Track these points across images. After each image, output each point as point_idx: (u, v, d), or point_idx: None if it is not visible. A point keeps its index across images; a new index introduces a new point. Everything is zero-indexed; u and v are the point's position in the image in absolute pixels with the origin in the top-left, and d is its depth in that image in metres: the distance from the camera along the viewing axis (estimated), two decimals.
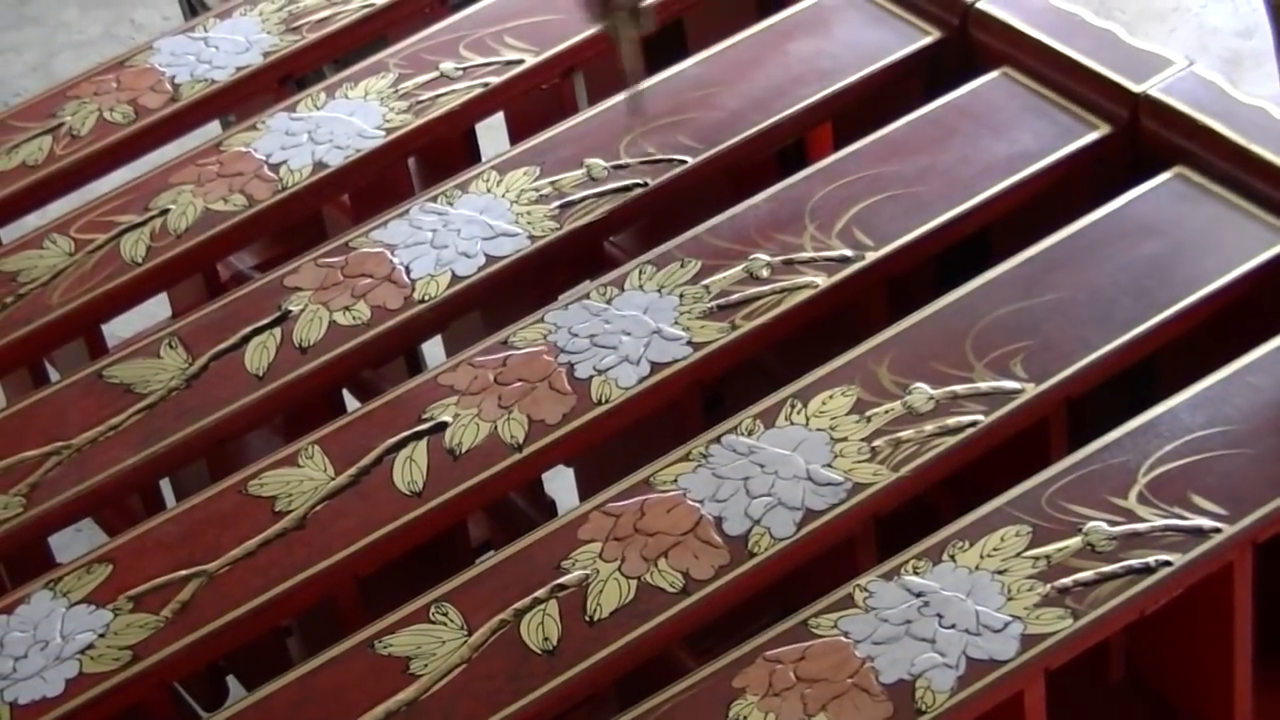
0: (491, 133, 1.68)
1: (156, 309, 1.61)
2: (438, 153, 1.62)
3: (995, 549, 1.20)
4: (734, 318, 1.37)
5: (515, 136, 1.66)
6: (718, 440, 1.29)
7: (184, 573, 1.28)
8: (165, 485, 1.46)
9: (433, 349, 1.59)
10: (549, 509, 1.55)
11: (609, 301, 1.39)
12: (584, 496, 1.45)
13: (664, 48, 1.65)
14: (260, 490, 1.32)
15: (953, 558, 1.20)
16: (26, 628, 1.26)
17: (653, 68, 1.59)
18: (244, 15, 1.69)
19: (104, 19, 3.01)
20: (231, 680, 1.45)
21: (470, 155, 1.65)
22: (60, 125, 1.62)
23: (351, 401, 1.51)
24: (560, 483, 1.53)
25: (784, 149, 1.59)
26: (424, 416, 1.34)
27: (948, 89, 1.52)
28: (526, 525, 1.45)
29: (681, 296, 1.38)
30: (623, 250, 1.59)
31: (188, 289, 1.60)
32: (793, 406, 1.30)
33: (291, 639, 1.42)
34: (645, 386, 1.34)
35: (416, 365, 1.60)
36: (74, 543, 1.46)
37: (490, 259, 1.44)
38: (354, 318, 1.42)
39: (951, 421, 1.28)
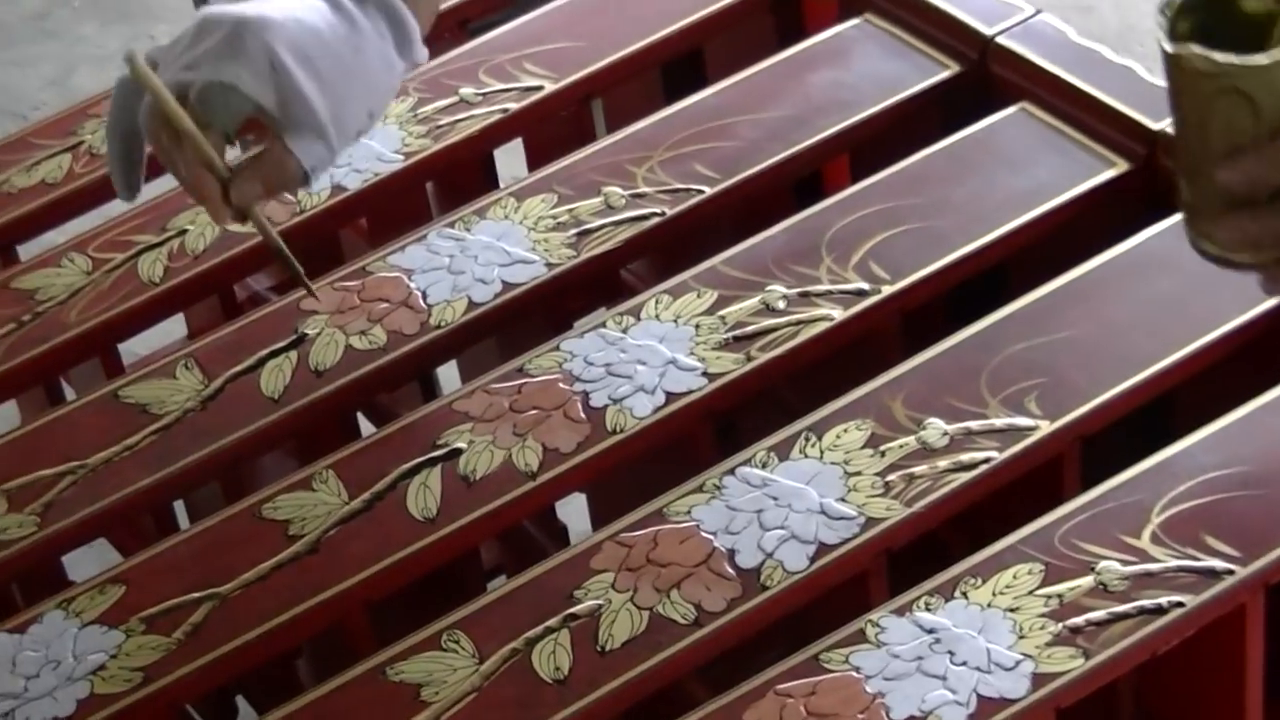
0: (507, 155, 1.68)
1: (171, 325, 1.61)
2: (455, 178, 1.63)
3: (1007, 586, 1.20)
4: (750, 349, 1.37)
5: (534, 163, 1.66)
6: (731, 472, 1.29)
7: (196, 595, 1.28)
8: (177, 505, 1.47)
9: (447, 371, 1.59)
10: (561, 535, 1.55)
11: (625, 331, 1.39)
12: (596, 523, 1.45)
13: (683, 77, 1.66)
14: (274, 514, 1.32)
15: (965, 595, 1.20)
16: (39, 647, 1.26)
17: (672, 97, 1.60)
18: None
19: (123, 34, 3.02)
20: (240, 700, 1.45)
21: (488, 181, 1.65)
22: (80, 144, 1.62)
23: (365, 426, 1.51)
24: (571, 507, 1.53)
25: (800, 180, 1.59)
26: (438, 442, 1.34)
27: (966, 123, 1.52)
28: (538, 551, 1.45)
29: (697, 327, 1.39)
30: (637, 277, 1.59)
31: (203, 309, 1.61)
32: (807, 440, 1.30)
33: (301, 660, 1.43)
34: (660, 416, 1.34)
35: (431, 389, 1.60)
36: (84, 559, 1.46)
37: (507, 286, 1.44)
38: (370, 342, 1.42)
39: (965, 458, 1.28)
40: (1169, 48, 1.12)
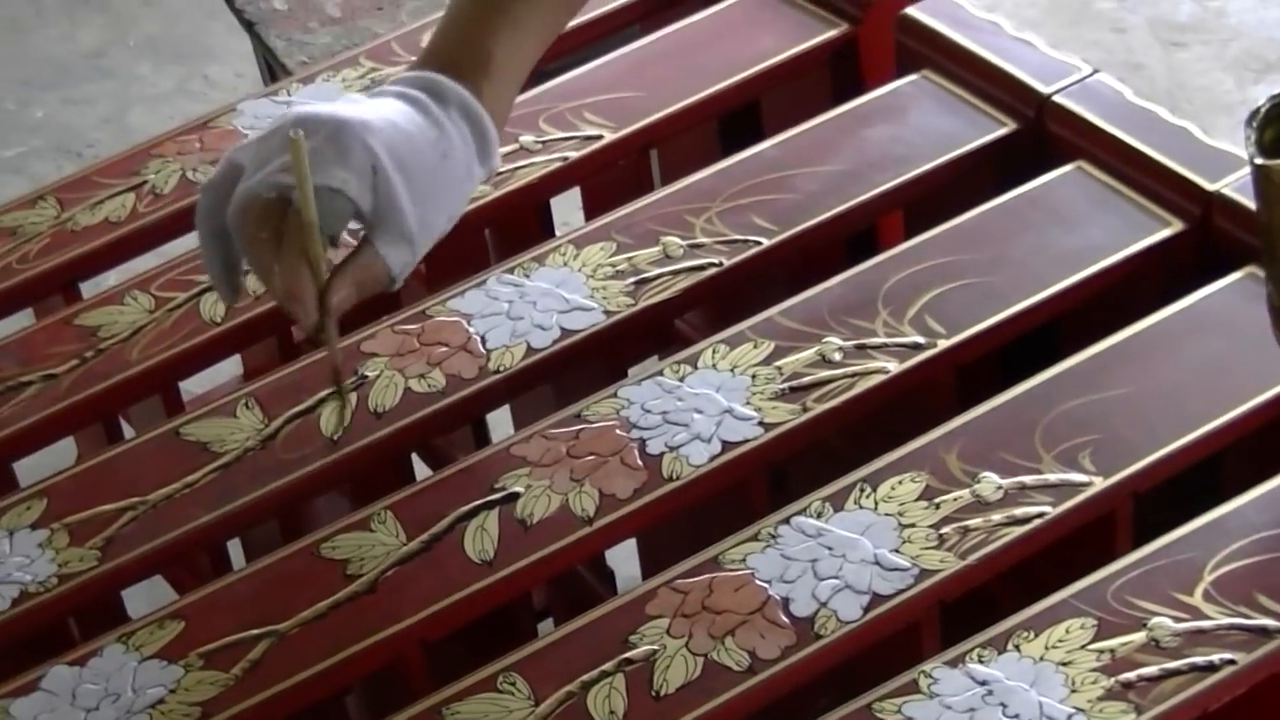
0: (558, 201, 1.69)
1: (224, 364, 1.63)
2: (512, 224, 1.64)
3: (1060, 640, 1.21)
4: (805, 400, 1.38)
5: (590, 211, 1.68)
6: (786, 521, 1.30)
7: (255, 632, 1.29)
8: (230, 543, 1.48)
9: (496, 415, 1.60)
10: (609, 579, 1.57)
11: (682, 379, 1.41)
12: (646, 569, 1.46)
13: (740, 130, 1.68)
14: (332, 553, 1.33)
15: (1017, 648, 1.21)
16: (99, 680, 1.28)
17: (729, 150, 1.62)
18: (327, 81, 1.71)
19: (177, 74, 3.05)
20: None
21: (544, 228, 1.67)
22: (143, 183, 1.64)
23: (420, 468, 1.52)
24: (617, 551, 1.55)
25: (853, 234, 1.60)
26: (496, 486, 1.36)
27: (1021, 180, 1.53)
28: (587, 594, 1.47)
29: (754, 377, 1.40)
30: (691, 326, 1.60)
31: (260, 350, 1.62)
32: (862, 491, 1.32)
33: (350, 698, 1.44)
34: (716, 465, 1.35)
35: (483, 432, 1.61)
36: (135, 595, 1.48)
37: (565, 332, 1.46)
38: (429, 385, 1.43)
39: (1019, 512, 1.29)
40: (1257, 160, 1.14)
